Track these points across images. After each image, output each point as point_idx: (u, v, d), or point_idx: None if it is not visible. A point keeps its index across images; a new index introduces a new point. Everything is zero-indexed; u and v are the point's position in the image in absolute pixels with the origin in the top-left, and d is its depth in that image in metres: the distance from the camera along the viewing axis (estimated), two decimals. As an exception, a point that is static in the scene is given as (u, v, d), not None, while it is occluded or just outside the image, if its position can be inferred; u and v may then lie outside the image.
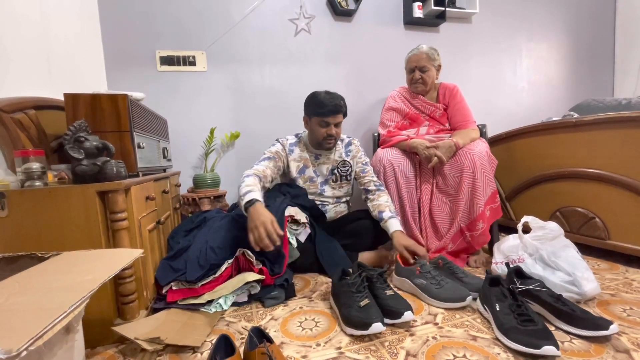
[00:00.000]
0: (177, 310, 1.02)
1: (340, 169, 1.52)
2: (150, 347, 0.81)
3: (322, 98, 1.39)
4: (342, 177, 1.53)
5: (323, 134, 1.42)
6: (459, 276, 1.10)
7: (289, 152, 1.49)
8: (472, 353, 0.78)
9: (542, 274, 1.06)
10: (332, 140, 1.44)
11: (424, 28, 2.26)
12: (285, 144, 1.50)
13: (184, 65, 1.86)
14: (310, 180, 1.51)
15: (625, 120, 1.26)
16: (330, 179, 1.53)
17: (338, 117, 1.41)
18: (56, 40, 1.32)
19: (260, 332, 0.79)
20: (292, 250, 1.28)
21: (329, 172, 1.53)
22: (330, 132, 1.41)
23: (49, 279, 0.55)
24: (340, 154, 1.54)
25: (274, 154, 1.45)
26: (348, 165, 1.53)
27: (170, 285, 1.07)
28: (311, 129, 1.46)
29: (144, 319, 0.94)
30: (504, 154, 1.75)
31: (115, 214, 0.87)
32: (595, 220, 1.38)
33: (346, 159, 1.53)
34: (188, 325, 0.94)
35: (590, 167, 1.38)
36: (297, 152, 1.50)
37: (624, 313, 0.94)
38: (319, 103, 1.39)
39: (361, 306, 0.90)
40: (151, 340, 0.83)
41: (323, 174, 1.53)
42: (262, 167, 1.37)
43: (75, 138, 0.89)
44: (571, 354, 0.76)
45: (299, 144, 1.52)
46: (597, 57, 2.71)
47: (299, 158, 1.50)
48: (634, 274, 1.22)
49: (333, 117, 1.39)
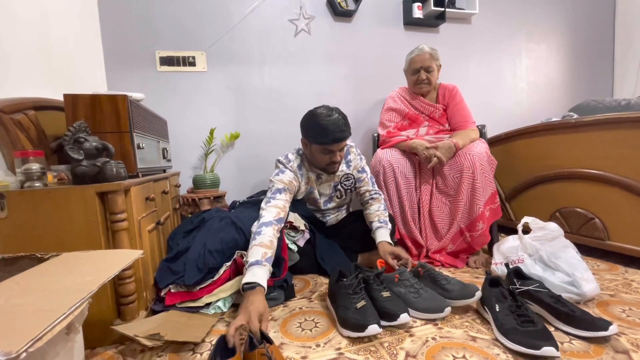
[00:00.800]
0: (176, 312, 1.02)
1: (343, 184, 1.43)
2: (150, 342, 0.81)
3: (323, 124, 1.19)
4: (347, 190, 1.45)
5: (327, 160, 1.28)
6: (441, 283, 1.04)
7: (300, 179, 1.35)
8: (471, 354, 0.78)
9: (542, 275, 1.06)
10: (336, 166, 1.32)
11: (424, 28, 2.26)
12: (295, 170, 1.33)
13: (184, 65, 1.86)
14: (314, 202, 1.44)
15: (625, 121, 1.26)
16: (335, 195, 1.45)
17: (342, 144, 1.26)
18: (56, 41, 1.32)
19: (260, 333, 0.78)
20: (291, 254, 1.28)
21: (332, 189, 1.44)
22: (334, 159, 1.27)
23: (49, 280, 0.55)
24: (341, 168, 1.41)
25: (288, 185, 1.27)
26: (351, 178, 1.43)
27: (169, 287, 1.07)
28: (312, 154, 1.29)
29: (144, 319, 0.94)
30: (503, 155, 1.75)
31: (115, 214, 0.87)
32: (594, 221, 1.38)
33: (348, 172, 1.42)
34: (188, 325, 0.94)
35: (589, 168, 1.39)
36: (305, 175, 1.37)
37: (623, 314, 0.94)
38: (320, 131, 1.20)
39: (357, 308, 0.90)
40: (151, 336, 0.82)
41: (326, 194, 1.44)
42: (281, 203, 1.20)
43: (75, 139, 0.89)
44: (570, 354, 0.76)
45: (303, 165, 1.36)
46: (597, 58, 2.71)
47: (306, 180, 1.38)
48: (633, 275, 1.22)
49: (337, 145, 1.24)
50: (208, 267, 1.09)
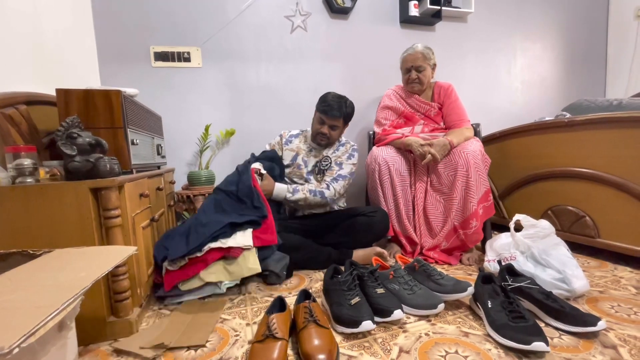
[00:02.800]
0: (179, 313, 1.03)
1: (322, 163, 1.58)
2: (155, 353, 0.81)
3: (328, 97, 1.50)
4: (322, 171, 1.58)
5: (317, 129, 1.51)
6: (435, 279, 1.06)
7: (285, 143, 1.61)
8: (463, 349, 0.80)
9: (533, 272, 1.07)
10: (323, 139, 1.53)
11: (420, 27, 2.26)
12: (284, 135, 1.64)
13: (179, 61, 1.85)
14: (297, 167, 1.58)
15: (617, 121, 1.28)
16: (314, 170, 1.58)
17: (334, 121, 1.49)
18: (48, 35, 1.30)
19: (307, 293, 0.99)
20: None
21: (313, 164, 1.59)
22: (323, 130, 1.50)
23: (41, 276, 0.54)
24: (327, 152, 1.59)
25: (272, 146, 1.64)
26: (328, 160, 1.58)
27: (165, 268, 1.09)
28: (313, 122, 1.57)
29: (145, 329, 0.94)
30: (497, 153, 1.76)
31: (109, 210, 0.86)
32: (585, 219, 1.41)
33: (328, 155, 1.58)
34: (191, 327, 0.94)
35: (581, 167, 1.41)
36: (294, 143, 1.62)
37: (612, 310, 0.96)
38: (322, 100, 1.51)
39: (352, 304, 0.90)
40: (156, 347, 0.83)
41: (309, 165, 1.58)
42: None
43: (67, 134, 0.88)
44: (560, 349, 0.78)
45: (300, 136, 1.64)
46: (590, 58, 2.74)
47: (295, 148, 1.61)
48: (622, 272, 1.25)
49: (329, 118, 1.48)
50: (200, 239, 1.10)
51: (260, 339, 0.78)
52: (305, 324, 0.82)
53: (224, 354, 0.81)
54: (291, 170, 1.59)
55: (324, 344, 0.75)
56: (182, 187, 1.85)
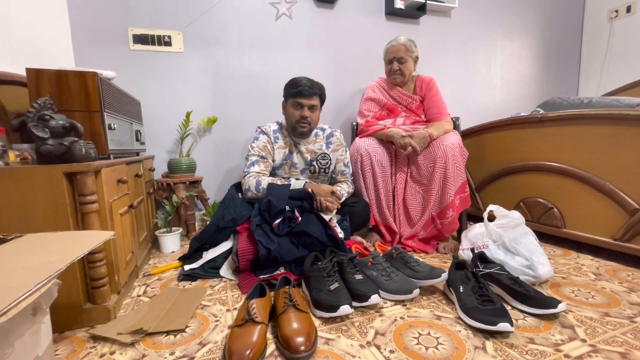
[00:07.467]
0: (159, 300, 1.02)
1: (319, 162, 1.49)
2: (133, 339, 0.81)
3: (297, 79, 1.40)
4: (321, 170, 1.50)
5: (297, 116, 1.39)
6: (412, 265, 1.11)
7: (274, 141, 1.46)
8: (435, 331, 0.84)
9: (503, 259, 1.13)
10: (305, 124, 1.40)
11: (405, 19, 2.28)
12: (269, 133, 1.46)
13: (159, 45, 1.79)
14: (293, 167, 1.49)
15: (586, 118, 1.35)
16: (308, 169, 1.51)
17: (312, 100, 1.39)
18: (18, 10, 1.23)
19: (287, 279, 1.02)
20: None
21: (307, 163, 1.50)
22: (303, 113, 1.38)
23: (12, 259, 0.53)
24: (320, 145, 1.51)
25: (262, 149, 1.42)
26: (328, 159, 1.50)
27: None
28: (287, 114, 1.44)
29: (124, 315, 0.93)
30: (475, 147, 1.82)
31: (85, 196, 0.84)
32: (553, 210, 1.48)
33: (327, 152, 1.51)
34: (171, 312, 0.94)
35: (552, 161, 1.48)
36: (281, 140, 1.48)
37: (572, 294, 1.03)
38: (292, 84, 1.40)
39: (331, 290, 0.93)
40: (134, 332, 0.82)
41: (301, 161, 1.51)
42: (261, 169, 1.41)
43: (39, 116, 0.84)
44: (524, 329, 0.83)
45: (281, 131, 1.49)
46: (565, 58, 2.85)
47: (283, 145, 1.47)
48: (583, 260, 1.33)
49: (306, 99, 1.38)
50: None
51: (239, 323, 0.79)
52: (284, 308, 0.84)
53: (204, 339, 0.82)
54: (286, 170, 1.49)
55: (302, 328, 0.78)
56: (162, 175, 1.81)
